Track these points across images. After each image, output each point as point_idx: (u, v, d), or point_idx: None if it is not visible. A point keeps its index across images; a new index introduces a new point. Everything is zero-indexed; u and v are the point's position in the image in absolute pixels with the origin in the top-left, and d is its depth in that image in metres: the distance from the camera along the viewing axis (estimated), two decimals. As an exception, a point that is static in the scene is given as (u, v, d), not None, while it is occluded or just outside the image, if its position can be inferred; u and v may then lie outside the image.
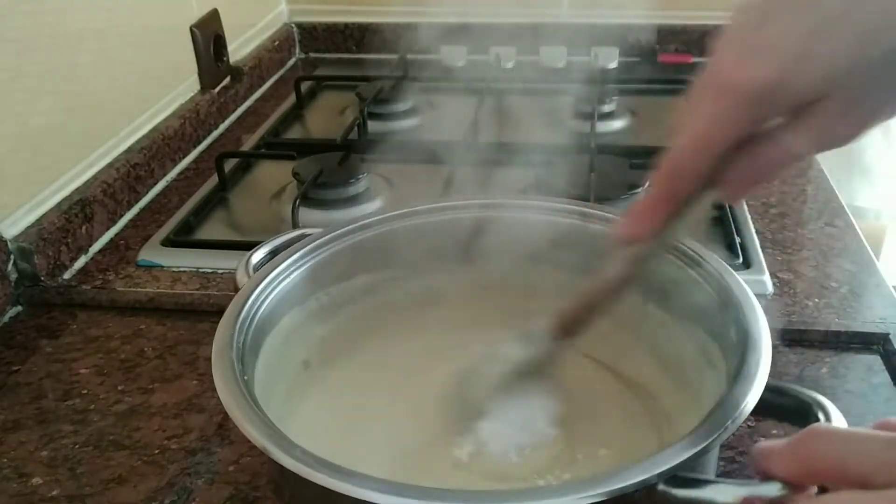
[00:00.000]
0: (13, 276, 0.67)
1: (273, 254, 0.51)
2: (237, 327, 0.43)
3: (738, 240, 0.70)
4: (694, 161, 0.35)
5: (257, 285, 0.47)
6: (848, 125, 0.33)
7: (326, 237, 0.51)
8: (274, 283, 0.48)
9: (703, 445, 0.33)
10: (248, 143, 0.95)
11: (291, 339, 0.49)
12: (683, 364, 0.47)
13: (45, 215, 0.71)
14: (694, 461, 0.33)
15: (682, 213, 0.38)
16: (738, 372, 0.38)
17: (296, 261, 0.50)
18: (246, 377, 0.40)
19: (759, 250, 0.69)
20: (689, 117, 0.34)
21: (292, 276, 0.49)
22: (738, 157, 0.35)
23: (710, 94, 0.33)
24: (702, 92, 0.34)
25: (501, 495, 0.35)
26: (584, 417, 0.47)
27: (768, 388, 0.37)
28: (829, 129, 0.33)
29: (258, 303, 0.46)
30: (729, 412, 0.35)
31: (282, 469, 0.34)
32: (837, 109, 0.32)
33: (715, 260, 0.46)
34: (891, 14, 0.30)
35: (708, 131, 0.34)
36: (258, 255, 0.52)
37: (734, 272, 0.45)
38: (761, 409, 0.37)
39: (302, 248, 0.50)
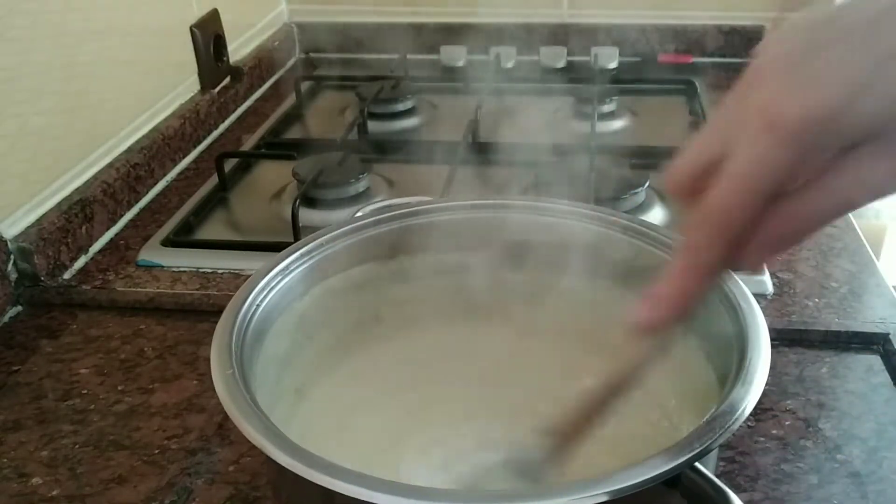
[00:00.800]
0: (13, 276, 0.68)
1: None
2: (236, 325, 0.43)
3: (738, 240, 0.70)
4: (739, 213, 0.30)
5: (256, 283, 0.47)
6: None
7: (325, 237, 0.51)
8: (273, 281, 0.48)
9: (703, 447, 0.33)
10: (248, 143, 0.95)
11: (292, 337, 0.49)
12: (682, 365, 0.47)
13: (45, 215, 0.71)
14: (707, 453, 0.33)
15: (711, 288, 0.32)
16: (737, 373, 0.38)
17: (295, 259, 0.50)
18: (245, 375, 0.40)
19: (759, 250, 0.69)
20: (727, 162, 0.30)
21: (292, 275, 0.49)
22: (766, 217, 0.30)
23: (755, 130, 0.29)
24: (740, 129, 0.29)
25: (502, 495, 0.35)
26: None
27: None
28: (879, 172, 0.29)
29: (258, 300, 0.46)
30: (729, 413, 0.35)
31: (280, 468, 0.34)
32: (891, 148, 0.28)
33: None
34: None
35: (751, 178, 0.29)
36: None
37: (732, 271, 0.45)
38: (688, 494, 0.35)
39: (301, 248, 0.50)
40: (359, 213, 0.54)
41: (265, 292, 0.46)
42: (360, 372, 0.51)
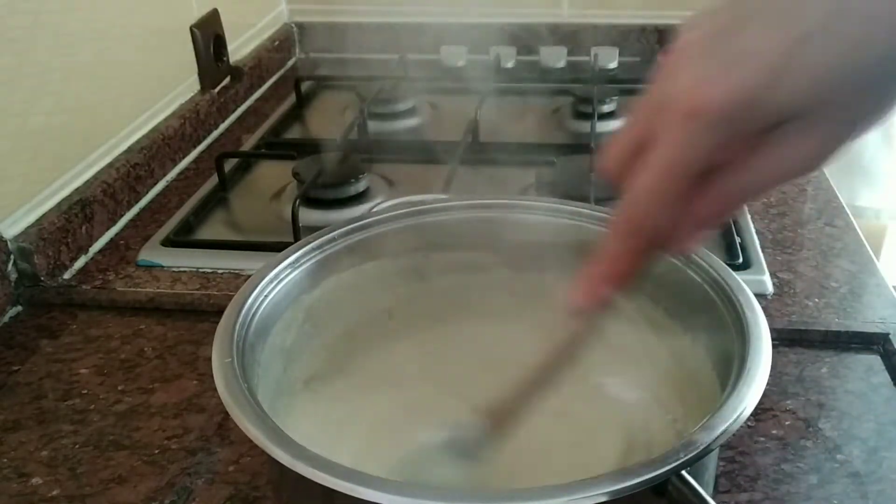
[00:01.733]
0: (13, 276, 0.67)
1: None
2: (241, 316, 0.43)
3: (738, 240, 0.70)
4: (662, 201, 0.31)
5: (265, 275, 0.47)
6: (823, 144, 0.29)
7: (337, 231, 0.51)
8: (282, 273, 0.48)
9: (704, 446, 0.33)
10: (248, 143, 0.95)
11: (300, 329, 0.49)
12: (683, 365, 0.47)
13: (45, 215, 0.71)
14: (694, 462, 0.33)
15: (642, 271, 0.33)
16: (739, 373, 0.38)
17: (305, 253, 0.50)
18: (245, 364, 0.41)
19: (759, 250, 0.69)
20: (649, 152, 0.30)
21: (302, 268, 0.49)
22: (695, 198, 0.31)
23: (675, 118, 0.29)
24: (659, 118, 0.30)
25: (503, 495, 0.34)
26: (562, 415, 0.47)
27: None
28: (802, 150, 0.29)
29: (266, 291, 0.46)
30: (730, 413, 0.35)
31: (281, 468, 0.34)
32: (813, 127, 0.29)
33: (713, 259, 0.46)
34: (875, 22, 0.27)
35: (676, 164, 0.30)
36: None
37: (732, 272, 0.45)
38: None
39: (312, 242, 0.50)
40: (375, 209, 0.54)
41: (273, 284, 0.47)
42: (369, 366, 0.51)
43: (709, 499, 0.32)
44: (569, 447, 0.46)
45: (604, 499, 0.32)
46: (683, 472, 0.33)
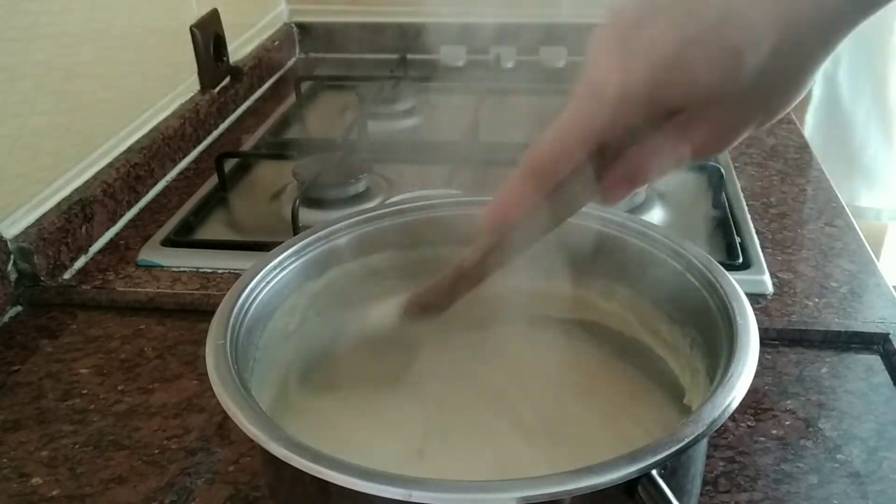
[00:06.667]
0: (13, 276, 0.67)
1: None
2: (241, 300, 0.44)
3: (738, 240, 0.70)
4: (555, 157, 0.36)
5: (261, 269, 0.47)
6: (714, 137, 0.35)
7: (344, 223, 0.51)
8: (287, 261, 0.48)
9: (686, 441, 0.33)
10: (248, 143, 0.95)
11: (303, 315, 0.49)
12: (672, 360, 0.47)
13: (45, 215, 0.71)
14: (677, 457, 0.33)
15: (551, 204, 0.38)
16: (725, 368, 0.37)
17: (311, 242, 0.50)
18: (238, 357, 0.41)
19: (759, 250, 0.69)
20: (561, 114, 0.36)
21: (307, 256, 0.49)
22: (615, 161, 0.36)
23: (580, 96, 0.34)
24: (576, 90, 0.35)
25: (492, 485, 0.34)
26: (566, 419, 0.47)
27: None
28: (697, 139, 0.35)
29: (262, 285, 0.46)
30: (702, 419, 0.34)
31: (262, 450, 0.34)
32: (705, 120, 0.34)
33: (700, 254, 0.46)
34: (756, 31, 0.31)
35: (571, 129, 0.35)
36: None
37: (720, 266, 0.45)
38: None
39: (319, 231, 0.50)
40: (388, 202, 0.54)
41: (276, 271, 0.47)
42: (373, 360, 0.51)
43: (674, 501, 0.32)
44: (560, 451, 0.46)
45: (568, 496, 0.31)
46: (653, 473, 0.32)
